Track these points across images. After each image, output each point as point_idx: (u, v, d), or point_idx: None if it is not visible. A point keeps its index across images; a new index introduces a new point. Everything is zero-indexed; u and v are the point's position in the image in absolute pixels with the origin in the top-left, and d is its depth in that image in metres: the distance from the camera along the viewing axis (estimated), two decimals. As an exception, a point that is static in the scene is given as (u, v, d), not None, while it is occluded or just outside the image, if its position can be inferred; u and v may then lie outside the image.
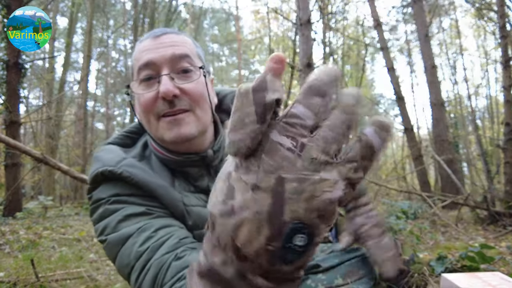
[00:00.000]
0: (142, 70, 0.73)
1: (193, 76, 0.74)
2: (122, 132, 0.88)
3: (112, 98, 16.92)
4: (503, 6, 4.26)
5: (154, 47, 0.73)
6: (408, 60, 13.89)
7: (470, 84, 14.71)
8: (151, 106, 0.72)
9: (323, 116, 0.25)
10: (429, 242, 2.25)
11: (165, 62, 0.72)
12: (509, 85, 4.02)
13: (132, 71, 0.79)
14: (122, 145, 0.83)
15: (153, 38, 0.75)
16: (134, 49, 0.81)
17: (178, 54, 0.73)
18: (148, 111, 0.72)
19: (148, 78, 0.73)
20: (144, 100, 0.72)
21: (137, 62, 0.74)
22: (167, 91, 0.69)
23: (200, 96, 0.74)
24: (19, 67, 3.92)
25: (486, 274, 1.01)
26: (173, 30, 0.79)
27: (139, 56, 0.74)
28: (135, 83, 0.75)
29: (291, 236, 0.25)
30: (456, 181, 3.88)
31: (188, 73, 0.74)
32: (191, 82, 0.73)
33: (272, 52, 6.14)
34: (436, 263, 1.45)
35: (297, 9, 3.70)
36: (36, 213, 4.37)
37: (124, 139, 0.85)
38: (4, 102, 3.95)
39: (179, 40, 0.76)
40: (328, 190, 0.25)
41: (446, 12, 11.85)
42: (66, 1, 11.81)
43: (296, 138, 0.25)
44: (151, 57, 0.72)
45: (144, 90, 0.73)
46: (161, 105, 0.71)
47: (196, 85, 0.74)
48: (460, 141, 10.27)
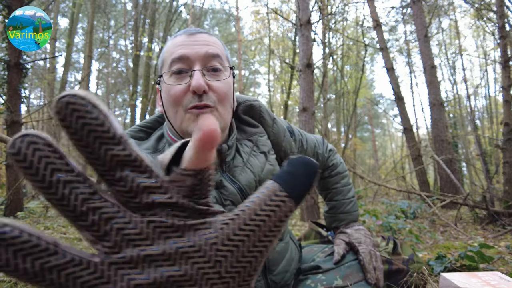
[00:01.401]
0: (175, 63, 0.76)
1: (221, 76, 0.78)
2: (136, 125, 0.90)
3: (113, 98, 16.93)
4: (502, 7, 4.27)
5: (189, 43, 0.77)
6: (408, 60, 13.88)
7: (469, 84, 14.75)
8: (180, 98, 0.75)
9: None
10: (428, 242, 2.25)
11: (198, 58, 0.75)
12: (508, 85, 4.02)
13: (162, 63, 0.82)
14: (136, 138, 0.85)
15: (188, 35, 0.78)
16: (166, 43, 0.84)
17: (211, 53, 0.76)
18: (177, 102, 0.75)
19: (179, 71, 0.76)
20: (174, 92, 0.75)
21: (170, 55, 0.77)
22: (199, 85, 0.72)
23: (225, 95, 0.77)
24: (20, 67, 3.92)
25: (485, 273, 1.02)
26: (205, 31, 0.82)
27: (173, 50, 0.77)
28: (166, 75, 0.77)
29: None
30: (455, 181, 3.88)
31: (217, 72, 0.77)
32: (220, 80, 0.77)
33: (272, 52, 6.11)
34: (435, 263, 1.46)
35: (297, 9, 3.70)
36: (37, 213, 4.38)
37: (138, 132, 0.87)
38: (5, 102, 3.95)
39: (211, 40, 0.79)
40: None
41: (446, 12, 11.85)
42: (67, 2, 11.81)
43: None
44: (186, 52, 0.75)
45: (174, 82, 0.76)
46: (189, 98, 0.74)
47: (224, 84, 0.77)
48: (459, 141, 10.27)
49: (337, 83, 11.39)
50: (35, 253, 0.20)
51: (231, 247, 0.24)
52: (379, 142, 23.87)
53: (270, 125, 0.94)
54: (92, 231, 0.22)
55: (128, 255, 0.22)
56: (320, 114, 10.20)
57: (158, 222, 0.23)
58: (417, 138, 7.58)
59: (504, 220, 2.82)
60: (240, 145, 0.88)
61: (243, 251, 0.24)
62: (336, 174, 1.15)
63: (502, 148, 3.92)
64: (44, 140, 0.21)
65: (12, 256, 0.19)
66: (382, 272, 0.97)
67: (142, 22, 10.42)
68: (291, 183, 0.26)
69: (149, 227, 0.22)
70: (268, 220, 0.25)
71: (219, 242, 0.23)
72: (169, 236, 0.23)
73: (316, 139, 1.12)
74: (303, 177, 0.26)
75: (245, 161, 0.85)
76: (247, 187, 0.82)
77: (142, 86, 9.94)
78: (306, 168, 0.26)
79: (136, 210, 0.23)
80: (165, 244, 0.22)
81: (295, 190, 0.26)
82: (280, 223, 0.25)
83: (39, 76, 10.16)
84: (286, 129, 0.99)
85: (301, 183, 0.26)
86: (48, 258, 0.20)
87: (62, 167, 0.21)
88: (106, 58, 15.60)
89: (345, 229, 1.10)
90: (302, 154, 1.06)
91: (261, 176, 0.85)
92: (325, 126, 9.37)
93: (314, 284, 0.92)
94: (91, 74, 12.18)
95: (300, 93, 3.51)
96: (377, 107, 18.23)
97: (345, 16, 10.32)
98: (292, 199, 0.26)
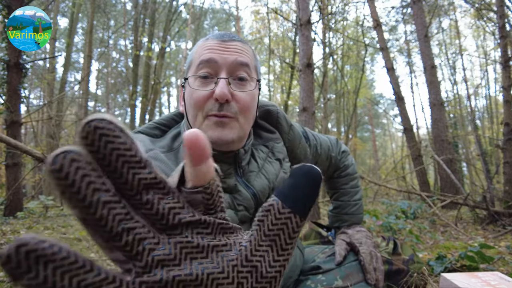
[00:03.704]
0: (202, 66, 0.75)
1: (247, 86, 0.76)
2: (152, 122, 0.89)
3: (113, 98, 16.93)
4: (503, 7, 4.26)
5: (220, 48, 0.75)
6: (408, 60, 13.89)
7: (469, 84, 14.74)
8: (202, 103, 0.74)
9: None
10: (429, 242, 2.25)
11: (226, 65, 0.74)
12: (509, 85, 4.02)
13: (189, 64, 0.80)
14: (151, 135, 0.84)
15: (221, 41, 0.76)
16: (195, 44, 0.83)
17: (240, 62, 0.75)
18: (198, 108, 0.74)
19: (205, 76, 0.74)
20: (197, 96, 0.74)
21: (199, 57, 0.76)
22: (223, 94, 0.71)
23: (248, 107, 0.76)
24: (20, 67, 3.92)
25: (486, 273, 1.01)
26: (239, 38, 0.80)
27: (202, 53, 0.76)
28: (192, 78, 0.76)
29: None
30: (456, 181, 3.88)
31: (243, 81, 0.76)
32: (245, 91, 0.75)
33: (272, 52, 6.10)
34: (435, 263, 1.46)
35: (297, 9, 3.70)
36: (37, 213, 4.38)
37: (153, 129, 0.86)
38: (5, 102, 3.95)
39: (244, 49, 0.78)
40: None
41: (446, 12, 11.85)
42: (66, 2, 11.81)
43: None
44: (215, 57, 0.74)
45: (199, 86, 0.75)
46: (211, 105, 0.73)
47: (248, 95, 0.76)
48: (460, 141, 10.26)
49: (337, 83, 11.39)
50: (73, 270, 0.20)
51: (249, 268, 0.24)
52: (379, 142, 23.86)
53: (287, 131, 0.93)
54: (125, 251, 0.22)
55: (158, 276, 0.22)
56: (320, 114, 10.19)
57: (185, 242, 0.23)
58: (417, 138, 7.58)
59: (504, 220, 2.82)
60: (255, 150, 0.87)
61: (261, 272, 0.25)
62: (346, 175, 1.15)
63: (502, 148, 3.92)
64: (85, 158, 0.21)
65: (51, 273, 0.19)
66: (383, 273, 0.97)
67: (142, 22, 10.42)
68: (293, 197, 0.25)
69: (177, 247, 0.23)
70: (278, 239, 0.25)
71: (239, 263, 0.24)
72: (195, 257, 0.24)
73: (330, 141, 1.11)
74: (305, 188, 0.26)
75: (260, 166, 0.84)
76: (261, 193, 0.81)
77: (142, 86, 9.94)
78: (307, 178, 0.26)
79: (162, 231, 0.23)
80: (192, 265, 0.23)
81: (298, 204, 0.25)
82: (290, 240, 0.25)
83: (39, 76, 10.16)
84: (301, 135, 0.98)
85: (303, 195, 0.25)
86: (85, 276, 0.20)
87: (102, 186, 0.21)
88: (106, 58, 15.59)
89: (346, 230, 1.10)
90: (317, 159, 1.06)
91: (275, 183, 0.84)
92: (325, 126, 9.37)
93: (314, 285, 0.92)
94: (90, 74, 12.18)
95: (300, 93, 3.51)
96: (377, 107, 18.23)
97: (345, 16, 10.32)
98: (296, 214, 0.25)
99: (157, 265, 0.22)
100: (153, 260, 0.22)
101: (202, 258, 0.24)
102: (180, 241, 0.23)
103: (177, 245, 0.23)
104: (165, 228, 0.23)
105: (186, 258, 0.23)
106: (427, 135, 12.52)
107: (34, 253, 0.19)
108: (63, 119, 10.42)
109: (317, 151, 1.04)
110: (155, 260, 0.22)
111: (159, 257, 0.22)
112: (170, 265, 0.23)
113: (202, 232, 0.24)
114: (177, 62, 16.04)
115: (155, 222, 0.23)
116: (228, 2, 29.65)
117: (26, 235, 0.19)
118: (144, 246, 0.22)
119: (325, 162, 1.09)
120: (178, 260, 0.23)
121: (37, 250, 0.19)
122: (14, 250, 0.18)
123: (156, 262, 0.22)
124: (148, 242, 0.22)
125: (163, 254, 0.23)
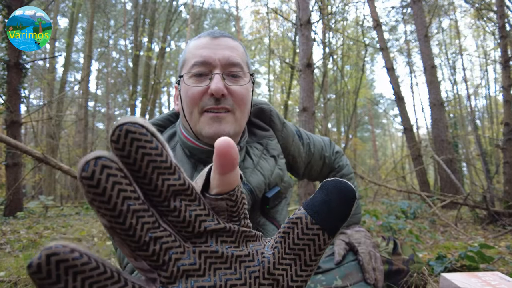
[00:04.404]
0: (196, 65, 0.76)
1: (240, 81, 0.78)
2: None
3: (113, 98, 16.91)
4: (503, 7, 4.26)
5: (212, 46, 0.77)
6: (408, 60, 13.88)
7: (469, 84, 14.74)
8: (197, 99, 0.75)
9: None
10: (429, 242, 2.25)
11: (219, 62, 0.75)
12: (509, 85, 4.02)
13: (183, 63, 0.82)
14: None
15: (211, 38, 0.78)
16: (187, 44, 0.84)
17: (232, 61, 0.77)
18: (194, 104, 0.76)
19: (200, 73, 0.76)
20: (192, 93, 0.75)
21: (192, 57, 0.77)
22: (218, 89, 0.72)
23: (243, 99, 0.78)
24: (20, 67, 3.92)
25: (486, 273, 1.01)
26: (229, 34, 0.82)
27: (195, 52, 0.78)
28: (186, 75, 0.78)
29: None
30: (456, 181, 3.87)
31: (237, 77, 0.78)
32: (239, 85, 0.77)
33: (272, 52, 6.09)
34: (435, 263, 1.46)
35: (297, 9, 3.70)
36: (37, 213, 4.38)
37: None
38: (5, 102, 3.95)
39: (234, 46, 0.80)
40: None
41: (446, 12, 11.85)
42: (67, 2, 11.81)
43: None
44: (208, 56, 0.76)
45: (194, 83, 0.76)
46: (207, 100, 0.75)
47: (243, 89, 0.78)
48: (460, 141, 10.26)
49: (337, 83, 11.38)
50: (101, 281, 0.19)
51: (271, 280, 0.24)
52: (379, 142, 23.86)
53: (280, 129, 0.95)
54: (151, 260, 0.21)
55: (183, 286, 0.22)
56: (320, 114, 10.19)
57: (210, 252, 0.23)
58: (417, 138, 7.58)
59: (504, 220, 2.82)
60: (250, 147, 0.88)
61: (282, 286, 0.24)
62: (341, 176, 1.15)
63: (502, 148, 3.92)
64: (117, 164, 0.20)
65: (80, 284, 0.18)
66: (382, 273, 0.97)
67: (142, 22, 10.42)
68: (324, 213, 0.24)
69: (201, 257, 0.23)
70: (303, 254, 0.24)
71: (261, 276, 0.24)
72: (218, 267, 0.23)
73: (323, 142, 1.12)
74: (338, 206, 0.24)
75: (255, 163, 0.85)
76: (257, 189, 0.82)
77: (142, 86, 9.93)
78: (341, 195, 0.24)
79: (187, 238, 0.23)
80: (215, 276, 0.23)
81: (328, 222, 0.24)
82: (315, 257, 0.25)
83: (39, 76, 10.16)
84: (295, 133, 0.99)
85: (335, 213, 0.24)
86: (113, 286, 0.20)
87: (132, 194, 0.20)
88: (105, 58, 15.59)
89: (345, 230, 1.10)
90: (310, 158, 1.06)
91: (270, 179, 0.85)
92: (325, 126, 9.37)
93: (314, 285, 0.92)
94: (90, 74, 12.18)
95: (300, 93, 3.51)
96: (377, 107, 18.23)
97: (345, 16, 10.32)
98: (325, 231, 0.24)
99: (182, 275, 0.22)
100: (179, 270, 0.22)
101: (225, 268, 0.23)
102: (205, 250, 0.23)
103: (202, 255, 0.23)
104: (191, 235, 0.23)
105: (210, 268, 0.23)
106: (427, 135, 12.52)
107: (64, 264, 0.18)
108: (63, 119, 10.42)
109: (310, 150, 1.05)
110: (181, 270, 0.22)
111: (185, 267, 0.22)
112: (194, 275, 0.22)
113: (226, 240, 0.24)
114: (177, 62, 16.01)
115: (181, 229, 0.23)
116: (228, 2, 29.70)
117: (56, 243, 0.18)
118: (170, 256, 0.22)
119: (319, 162, 1.10)
120: (202, 270, 0.23)
121: (68, 260, 0.18)
122: (45, 259, 0.18)
123: (182, 272, 0.22)
124: (174, 252, 0.22)
125: (188, 264, 0.22)
